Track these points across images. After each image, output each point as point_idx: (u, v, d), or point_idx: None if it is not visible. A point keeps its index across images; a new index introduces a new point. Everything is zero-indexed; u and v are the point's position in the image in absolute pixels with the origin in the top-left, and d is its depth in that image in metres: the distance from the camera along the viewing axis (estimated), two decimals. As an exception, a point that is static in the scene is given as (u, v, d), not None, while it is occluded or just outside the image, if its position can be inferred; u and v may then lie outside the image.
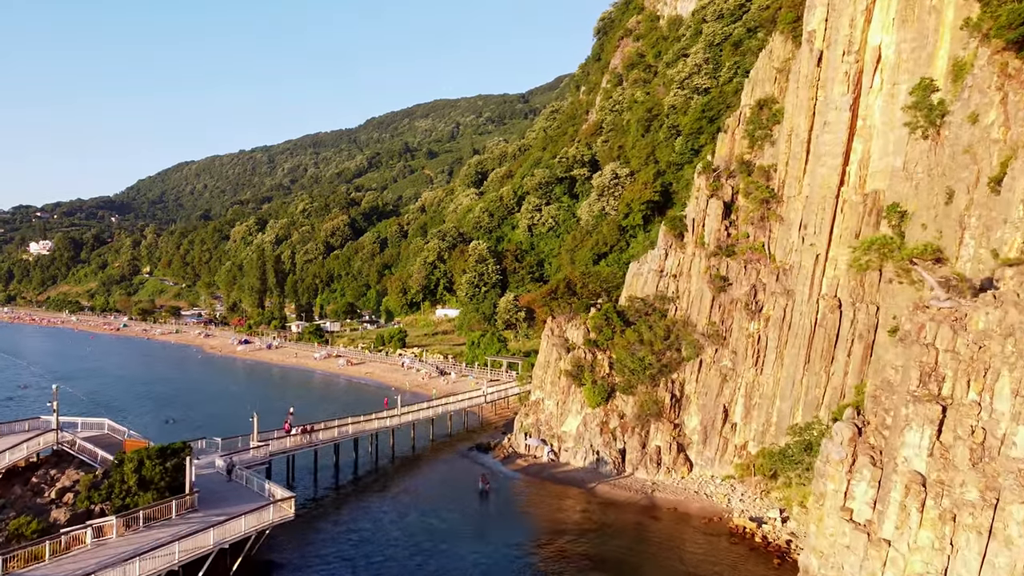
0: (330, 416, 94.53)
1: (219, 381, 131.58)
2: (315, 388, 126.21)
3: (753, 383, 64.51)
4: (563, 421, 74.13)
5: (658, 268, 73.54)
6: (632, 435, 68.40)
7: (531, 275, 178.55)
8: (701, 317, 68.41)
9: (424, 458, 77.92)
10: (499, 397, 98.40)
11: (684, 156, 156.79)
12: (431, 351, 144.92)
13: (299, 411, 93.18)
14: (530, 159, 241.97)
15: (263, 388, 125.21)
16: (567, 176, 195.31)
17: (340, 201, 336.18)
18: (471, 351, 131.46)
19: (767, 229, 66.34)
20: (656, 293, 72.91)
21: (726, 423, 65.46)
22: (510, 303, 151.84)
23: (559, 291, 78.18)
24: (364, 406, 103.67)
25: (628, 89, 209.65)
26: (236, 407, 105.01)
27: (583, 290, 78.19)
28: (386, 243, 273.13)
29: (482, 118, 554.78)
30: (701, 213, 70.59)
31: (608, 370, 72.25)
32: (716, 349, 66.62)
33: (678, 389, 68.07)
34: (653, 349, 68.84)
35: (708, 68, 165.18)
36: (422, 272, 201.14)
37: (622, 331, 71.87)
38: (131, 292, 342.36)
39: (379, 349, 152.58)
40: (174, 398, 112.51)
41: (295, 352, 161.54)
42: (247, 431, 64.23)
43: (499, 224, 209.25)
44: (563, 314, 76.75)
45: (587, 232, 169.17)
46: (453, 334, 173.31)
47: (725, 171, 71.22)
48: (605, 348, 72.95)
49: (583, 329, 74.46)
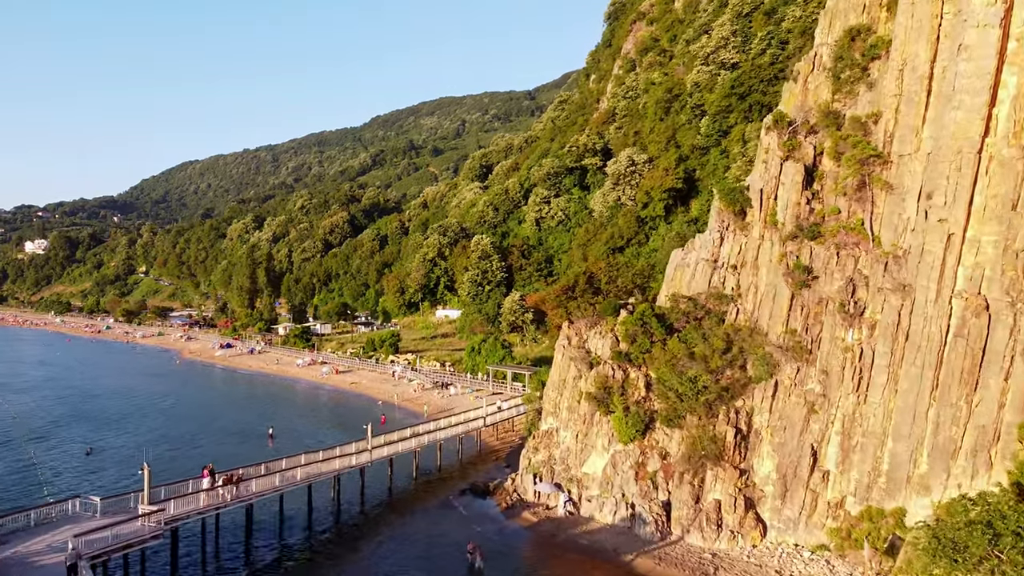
0: (309, 437, 76.88)
1: (186, 393, 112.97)
2: (293, 401, 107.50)
3: (853, 415, 45.26)
4: (584, 460, 55.08)
5: (711, 257, 54.39)
6: (680, 484, 49.25)
7: (539, 272, 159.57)
8: (775, 323, 49.20)
9: (403, 507, 58.75)
10: (502, 418, 79.31)
11: (711, 139, 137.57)
12: (426, 358, 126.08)
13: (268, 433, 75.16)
14: (537, 150, 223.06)
15: (234, 401, 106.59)
16: (577, 166, 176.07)
17: (340, 197, 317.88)
18: (470, 358, 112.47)
19: (868, 201, 47.06)
20: (709, 290, 53.76)
21: (814, 470, 46.21)
22: (516, 303, 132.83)
23: (578, 288, 59.31)
24: (347, 425, 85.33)
25: (642, 73, 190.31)
26: (194, 428, 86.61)
27: (609, 286, 59.31)
28: (386, 240, 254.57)
29: (488, 115, 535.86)
30: (772, 181, 51.36)
31: (644, 392, 53.18)
32: (798, 367, 47.40)
33: (744, 421, 48.87)
34: (708, 366, 49.70)
35: (736, 41, 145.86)
36: (421, 270, 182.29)
37: (664, 341, 52.76)
38: (125, 292, 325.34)
39: (369, 355, 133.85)
40: (122, 417, 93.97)
41: (277, 358, 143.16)
42: (193, 463, 45.83)
43: (505, 218, 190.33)
44: (583, 318, 57.77)
45: (601, 225, 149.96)
46: (454, 337, 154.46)
47: (803, 126, 51.93)
48: (640, 363, 53.87)
49: (610, 338, 55.39)
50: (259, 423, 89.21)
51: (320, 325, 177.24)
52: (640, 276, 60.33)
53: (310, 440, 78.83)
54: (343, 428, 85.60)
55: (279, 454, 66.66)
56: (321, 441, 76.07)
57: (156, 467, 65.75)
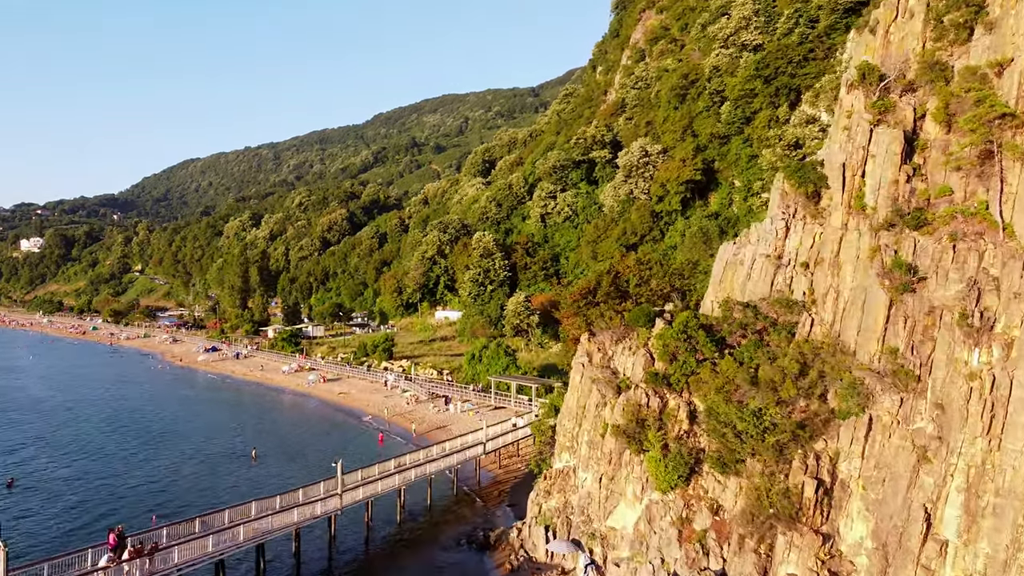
0: (294, 459, 64.95)
1: (158, 404, 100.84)
2: (276, 415, 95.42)
3: (982, 467, 32.91)
4: (610, 511, 42.80)
5: (773, 252, 41.99)
6: (741, 550, 36.98)
7: (544, 271, 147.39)
8: (866, 339, 36.86)
9: (382, 566, 46.48)
10: (506, 442, 66.97)
11: (732, 126, 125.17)
12: (423, 365, 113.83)
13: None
14: (542, 144, 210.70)
15: (209, 415, 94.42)
16: (585, 159, 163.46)
17: (339, 194, 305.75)
18: (470, 367, 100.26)
19: (995, 177, 34.74)
20: (772, 295, 41.38)
21: (927, 540, 33.85)
22: (520, 305, 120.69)
23: (600, 291, 46.82)
24: (333, 445, 73.40)
25: (653, 62, 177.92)
26: (160, 449, 74.46)
27: (640, 289, 46.83)
28: (385, 238, 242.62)
29: (491, 112, 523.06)
30: (858, 154, 38.97)
31: (688, 426, 40.88)
32: (901, 399, 35.06)
33: (827, 470, 36.54)
34: (777, 395, 37.39)
35: (759, 21, 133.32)
36: (419, 268, 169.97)
37: (714, 360, 40.44)
38: (120, 291, 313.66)
39: (361, 361, 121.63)
40: (77, 436, 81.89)
41: (262, 364, 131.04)
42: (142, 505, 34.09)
43: (508, 214, 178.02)
44: (608, 329, 45.30)
45: (612, 220, 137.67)
46: (454, 340, 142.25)
47: (898, 81, 39.51)
48: (683, 388, 41.57)
49: (643, 355, 43.05)
50: (237, 440, 77.46)
51: (312, 327, 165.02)
52: (678, 276, 47.81)
53: (291, 470, 66.93)
54: (329, 448, 73.85)
55: (255, 486, 55.36)
56: (304, 466, 64.34)
57: (95, 509, 54.35)
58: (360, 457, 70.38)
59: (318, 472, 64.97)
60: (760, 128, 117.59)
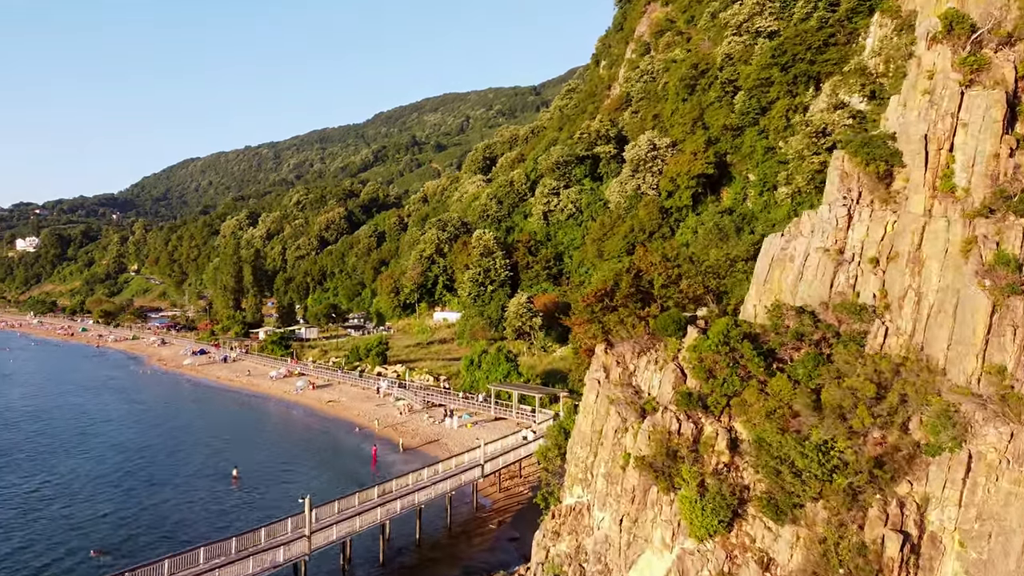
0: (279, 478, 57.57)
1: (132, 415, 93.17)
2: (260, 426, 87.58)
3: None
4: (633, 559, 34.98)
5: (833, 245, 34.14)
6: (802, 620, 29.16)
7: (547, 271, 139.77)
8: (961, 354, 29.05)
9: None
10: (508, 462, 59.11)
11: (746, 117, 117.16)
12: (419, 370, 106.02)
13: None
14: (544, 140, 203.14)
15: (187, 427, 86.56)
16: (589, 155, 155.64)
17: (337, 193, 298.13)
18: (468, 373, 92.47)
19: None
20: (832, 297, 33.56)
21: (1050, 615, 26.07)
22: (522, 306, 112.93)
23: (619, 293, 38.99)
24: (320, 461, 65.78)
25: (659, 54, 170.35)
26: (123, 473, 66.53)
27: (668, 291, 38.99)
28: (384, 237, 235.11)
29: (492, 111, 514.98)
30: (944, 123, 31.14)
31: (729, 458, 33.07)
32: (1012, 432, 27.26)
33: (913, 520, 28.70)
34: (847, 422, 29.59)
35: (774, 7, 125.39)
36: (417, 268, 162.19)
37: (762, 379, 32.61)
38: (115, 292, 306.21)
39: (354, 366, 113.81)
40: (36, 453, 74.14)
41: (250, 368, 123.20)
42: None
43: (509, 212, 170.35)
44: (629, 338, 37.47)
45: (618, 217, 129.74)
46: (452, 343, 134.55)
47: (994, 32, 31.67)
48: (722, 412, 33.77)
49: (673, 371, 35.25)
50: (217, 458, 69.84)
51: (305, 329, 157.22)
52: (713, 275, 39.83)
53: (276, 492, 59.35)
54: (317, 467, 66.48)
55: (235, 515, 47.87)
56: (289, 492, 56.75)
57: (48, 550, 46.65)
58: (348, 478, 63.01)
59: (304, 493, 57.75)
60: (777, 119, 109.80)
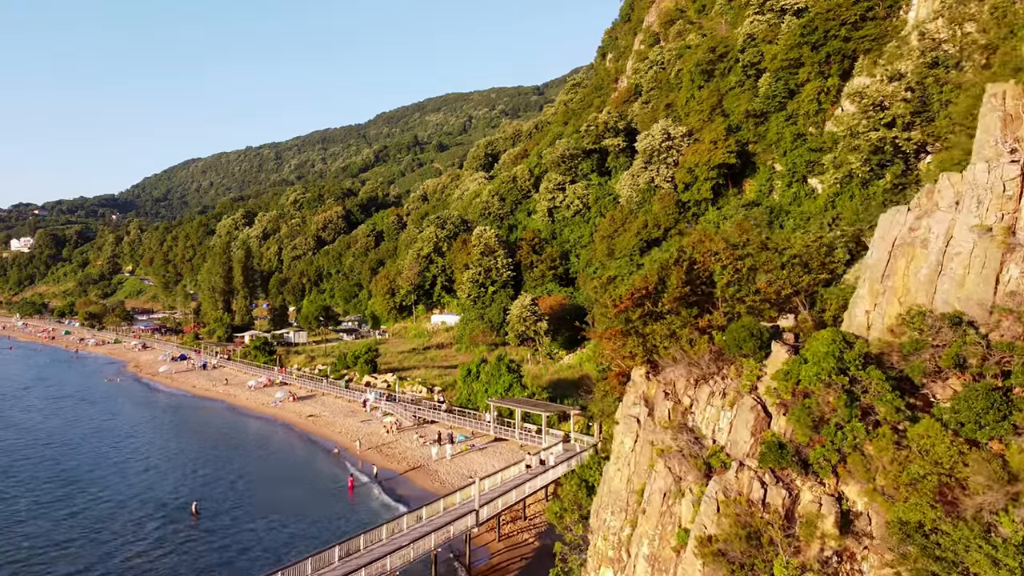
0: (245, 517, 46.17)
1: (89, 430, 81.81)
2: (231, 446, 75.63)
3: None
4: None
5: (999, 222, 22.43)
6: None
7: (553, 271, 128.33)
8: None
9: None
10: (509, 503, 47.33)
11: (772, 101, 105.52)
12: (411, 380, 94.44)
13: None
14: (549, 135, 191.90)
15: (145, 447, 75.08)
16: (596, 148, 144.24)
17: (335, 191, 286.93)
18: (466, 385, 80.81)
19: None
20: (998, 300, 21.85)
21: None
22: (526, 308, 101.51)
23: (667, 294, 27.19)
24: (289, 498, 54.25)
25: (670, 44, 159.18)
26: (61, 504, 54.99)
27: (734, 290, 27.23)
28: (382, 236, 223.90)
29: (495, 111, 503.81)
30: None
31: (839, 540, 21.37)
32: None
33: None
34: (1059, 507, 17.98)
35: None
36: (414, 268, 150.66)
37: (899, 426, 20.91)
38: (108, 293, 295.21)
39: (341, 374, 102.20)
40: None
41: (228, 376, 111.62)
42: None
43: (512, 209, 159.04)
44: (683, 360, 25.70)
45: (630, 212, 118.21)
46: (451, 348, 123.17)
47: None
48: (831, 470, 22.05)
49: (752, 406, 23.53)
50: (177, 488, 58.54)
51: (295, 332, 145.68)
52: (802, 267, 27.52)
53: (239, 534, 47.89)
54: (288, 500, 55.09)
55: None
56: (257, 530, 45.45)
57: None
58: (319, 514, 51.68)
59: (269, 539, 46.32)
60: (807, 102, 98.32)
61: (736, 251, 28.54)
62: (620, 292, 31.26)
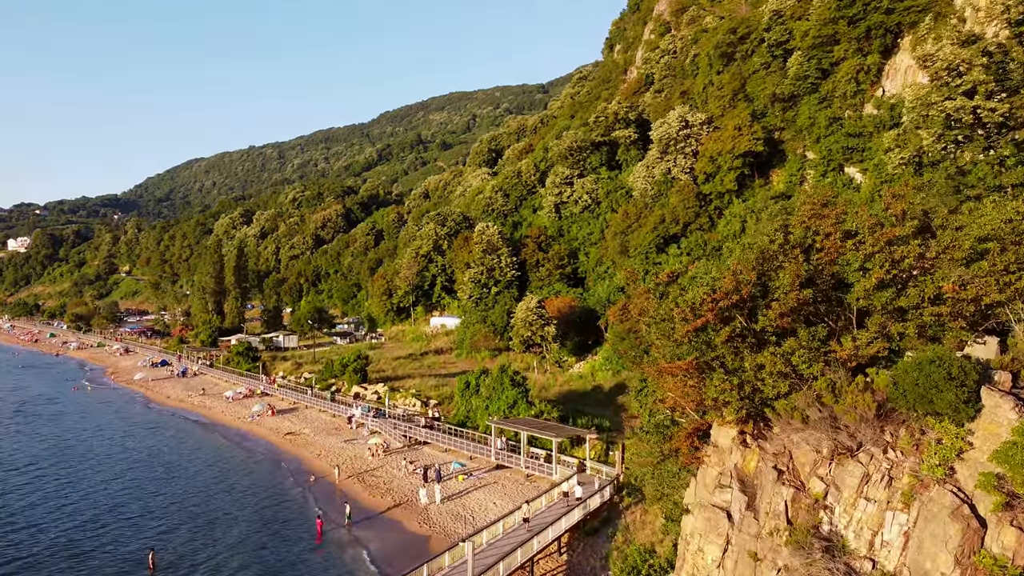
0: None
1: (40, 450, 71.39)
2: (196, 474, 64.84)
3: None
4: None
5: None
6: None
7: (560, 270, 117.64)
8: None
9: None
10: (512, 569, 36.53)
11: (802, 83, 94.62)
12: (404, 392, 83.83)
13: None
14: (555, 129, 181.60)
15: (103, 472, 64.66)
16: (606, 140, 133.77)
17: (335, 189, 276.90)
18: (464, 401, 70.08)
19: None
20: None
21: None
22: (531, 311, 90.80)
23: (779, 304, 16.34)
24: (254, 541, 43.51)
25: (683, 30, 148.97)
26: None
27: (889, 292, 16.46)
28: (382, 235, 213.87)
29: (499, 109, 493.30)
30: None
31: None
32: None
33: None
34: None
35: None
36: (413, 267, 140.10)
37: None
38: (104, 293, 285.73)
39: (327, 384, 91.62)
40: None
41: (205, 386, 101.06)
42: None
43: (517, 206, 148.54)
44: (819, 421, 14.89)
45: (644, 206, 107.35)
46: (451, 354, 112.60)
47: None
48: None
49: (954, 507, 12.72)
50: (131, 528, 48.18)
51: (284, 336, 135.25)
52: (1016, 251, 16.56)
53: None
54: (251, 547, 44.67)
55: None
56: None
57: None
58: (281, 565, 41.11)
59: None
60: (844, 82, 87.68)
61: (884, 232, 17.48)
62: (691, 297, 20.00)
